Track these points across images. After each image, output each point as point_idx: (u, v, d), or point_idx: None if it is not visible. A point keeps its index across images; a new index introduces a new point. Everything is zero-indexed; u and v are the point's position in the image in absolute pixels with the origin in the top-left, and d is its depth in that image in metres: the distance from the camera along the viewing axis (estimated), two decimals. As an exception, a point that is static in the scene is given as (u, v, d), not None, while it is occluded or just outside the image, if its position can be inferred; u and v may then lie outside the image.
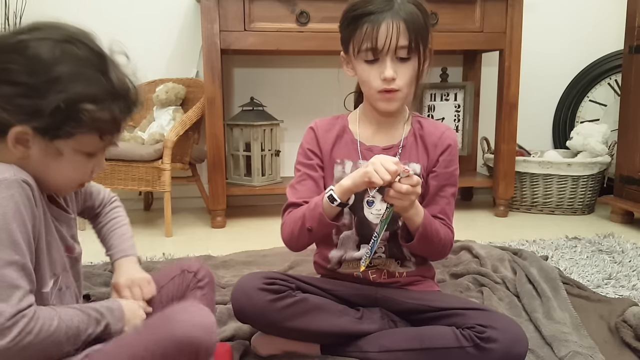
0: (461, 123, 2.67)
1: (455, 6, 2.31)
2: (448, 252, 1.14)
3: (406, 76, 1.04)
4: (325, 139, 1.15)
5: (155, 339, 0.77)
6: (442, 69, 2.70)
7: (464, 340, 1.00)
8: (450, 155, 1.13)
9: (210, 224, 2.35)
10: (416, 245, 1.07)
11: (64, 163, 0.79)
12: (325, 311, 1.08)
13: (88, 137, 0.78)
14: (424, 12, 1.04)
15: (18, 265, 0.72)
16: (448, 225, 1.12)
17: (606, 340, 1.21)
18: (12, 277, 0.71)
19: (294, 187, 1.14)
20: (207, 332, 0.78)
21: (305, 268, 1.62)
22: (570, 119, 2.90)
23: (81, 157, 0.80)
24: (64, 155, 0.78)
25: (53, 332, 0.74)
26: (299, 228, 1.05)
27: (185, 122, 2.22)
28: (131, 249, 1.02)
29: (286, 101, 2.69)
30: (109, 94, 0.78)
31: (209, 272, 1.03)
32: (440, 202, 1.12)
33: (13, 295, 0.71)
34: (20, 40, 0.76)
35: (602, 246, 1.94)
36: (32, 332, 0.71)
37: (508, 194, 2.49)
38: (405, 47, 1.01)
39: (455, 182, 1.14)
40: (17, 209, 0.73)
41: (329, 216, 1.02)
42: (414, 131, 1.14)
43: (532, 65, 2.74)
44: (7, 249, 0.71)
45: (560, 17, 2.86)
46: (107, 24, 2.52)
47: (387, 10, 0.99)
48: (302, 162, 1.15)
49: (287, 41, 2.23)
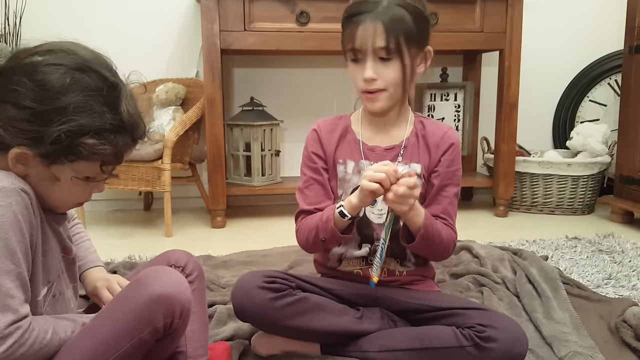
0: (461, 123, 2.67)
1: (455, 6, 2.31)
2: (451, 253, 1.13)
3: (389, 77, 1.05)
4: (329, 139, 1.16)
5: (128, 301, 0.79)
6: (442, 69, 2.70)
7: (464, 339, 1.00)
8: (453, 155, 1.13)
9: (210, 224, 2.34)
10: (418, 246, 1.06)
11: (63, 186, 0.79)
12: (325, 310, 1.08)
13: (87, 165, 0.78)
14: (415, 14, 1.03)
15: (14, 275, 0.72)
16: (450, 226, 1.11)
17: (606, 340, 1.21)
18: (7, 287, 0.71)
19: (303, 192, 1.15)
20: (176, 287, 0.80)
21: (306, 268, 1.62)
22: (570, 119, 2.90)
23: (79, 181, 0.80)
24: (62, 180, 0.79)
25: (46, 344, 0.75)
26: (313, 237, 1.08)
27: (185, 122, 2.22)
28: (99, 261, 1.03)
29: (286, 101, 2.69)
30: (115, 128, 0.77)
31: (197, 264, 1.02)
32: (443, 202, 1.12)
33: (9, 305, 0.71)
34: (32, 63, 0.75)
35: (602, 246, 1.94)
36: (26, 344, 0.72)
37: (508, 194, 2.49)
38: (384, 48, 1.02)
39: (458, 182, 1.14)
40: (15, 218, 0.72)
41: (340, 229, 1.04)
42: (416, 131, 1.15)
43: (532, 65, 2.74)
44: (3, 258, 0.71)
45: (561, 17, 2.86)
46: (108, 25, 2.54)
47: (369, 12, 1.02)
48: (307, 165, 1.17)
49: (287, 41, 2.23)
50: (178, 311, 0.79)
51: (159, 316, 0.78)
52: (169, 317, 0.79)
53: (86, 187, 0.82)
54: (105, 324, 0.78)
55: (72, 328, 0.80)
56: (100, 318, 0.80)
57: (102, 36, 2.52)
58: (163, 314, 0.78)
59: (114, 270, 1.61)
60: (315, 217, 1.09)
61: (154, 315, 0.77)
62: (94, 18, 2.51)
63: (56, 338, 0.76)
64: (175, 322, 0.80)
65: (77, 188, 0.81)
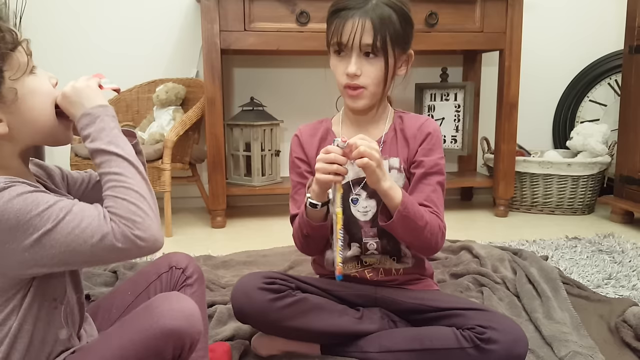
0: (461, 123, 2.67)
1: (455, 6, 2.31)
2: (440, 243, 1.08)
3: (372, 74, 1.05)
4: (310, 143, 1.17)
5: (139, 330, 0.77)
6: (442, 69, 2.70)
7: (464, 341, 1.00)
8: (430, 144, 1.11)
9: (210, 224, 2.35)
10: (397, 227, 1.02)
11: (29, 96, 0.76)
12: (325, 311, 1.08)
13: (11, 63, 0.74)
14: (401, 15, 1.05)
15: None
16: (436, 213, 1.07)
17: (606, 340, 1.21)
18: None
19: (293, 197, 1.18)
20: (189, 320, 0.78)
21: (305, 268, 1.62)
22: (570, 119, 2.90)
23: (29, 79, 0.76)
24: (19, 92, 0.75)
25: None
26: (301, 236, 1.12)
27: (186, 122, 2.22)
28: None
29: (286, 101, 2.69)
30: None
31: (198, 267, 1.02)
32: (425, 190, 1.09)
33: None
34: None
35: (602, 246, 1.94)
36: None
37: (508, 194, 2.49)
38: (369, 45, 1.03)
39: (441, 172, 1.11)
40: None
41: (315, 219, 1.06)
42: (394, 126, 1.15)
43: (532, 65, 2.74)
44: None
45: (561, 17, 2.86)
46: (107, 24, 2.53)
47: (358, 8, 1.03)
48: (293, 171, 1.19)
49: (287, 41, 2.23)
50: (188, 344, 0.78)
51: (168, 348, 0.77)
52: (178, 350, 0.78)
53: (42, 80, 0.79)
54: (114, 350, 0.77)
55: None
56: (109, 343, 0.79)
57: (102, 37, 2.52)
58: (172, 347, 0.77)
59: (114, 270, 1.61)
60: (298, 216, 1.12)
61: (164, 347, 0.76)
62: (94, 18, 2.51)
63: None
64: (184, 354, 0.79)
65: (36, 87, 0.77)
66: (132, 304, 0.97)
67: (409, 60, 1.11)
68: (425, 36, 2.27)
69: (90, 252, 0.71)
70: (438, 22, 2.28)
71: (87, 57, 2.52)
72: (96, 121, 0.79)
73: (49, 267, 0.72)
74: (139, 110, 2.53)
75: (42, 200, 0.71)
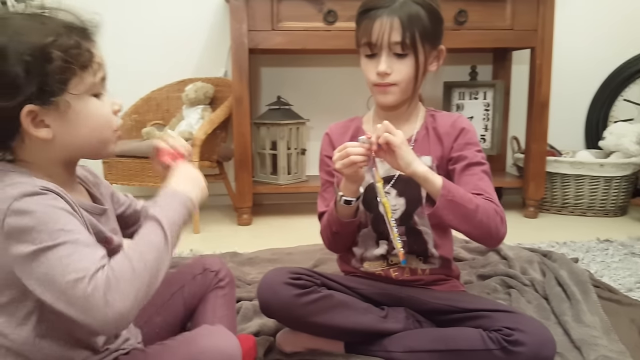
0: (490, 122, 2.63)
1: (485, 3, 2.28)
2: (500, 229, 1.00)
3: (402, 72, 1.06)
4: (340, 142, 1.16)
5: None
6: (472, 67, 2.67)
7: (490, 343, 0.98)
8: (466, 139, 1.10)
9: (236, 221, 2.37)
10: (446, 214, 0.98)
11: (82, 114, 0.77)
12: (349, 308, 1.08)
13: (76, 79, 0.75)
14: (431, 12, 1.05)
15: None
16: (489, 199, 1.01)
17: (637, 345, 1.18)
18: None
19: (322, 195, 1.20)
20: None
21: (330, 266, 1.62)
22: (603, 118, 2.83)
23: (89, 100, 0.77)
24: (74, 107, 0.75)
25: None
26: (329, 233, 1.14)
27: (214, 121, 2.25)
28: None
29: (312, 100, 2.70)
30: (60, 29, 0.75)
31: (229, 271, 1.08)
32: (471, 180, 1.05)
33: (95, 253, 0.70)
34: None
35: (635, 249, 1.89)
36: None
37: (538, 194, 2.44)
38: (399, 43, 1.03)
39: (483, 162, 1.08)
40: (61, 207, 0.71)
41: (345, 216, 1.09)
42: (426, 125, 1.15)
43: (564, 63, 2.68)
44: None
45: (594, 13, 2.79)
46: (136, 24, 2.58)
47: (385, 7, 1.03)
48: (322, 169, 1.21)
49: (314, 40, 2.23)
50: None
51: None
52: None
53: (102, 104, 0.80)
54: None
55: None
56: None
57: (132, 37, 2.57)
58: None
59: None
60: (327, 214, 1.13)
61: None
62: (121, 17, 2.57)
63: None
64: None
65: (94, 108, 0.78)
66: (168, 303, 1.01)
67: (439, 56, 1.11)
68: (454, 34, 2.25)
69: (59, 291, 0.66)
70: (467, 20, 2.25)
71: (120, 57, 2.57)
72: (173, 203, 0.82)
73: (21, 285, 0.69)
74: (169, 109, 2.57)
75: (63, 220, 0.70)
